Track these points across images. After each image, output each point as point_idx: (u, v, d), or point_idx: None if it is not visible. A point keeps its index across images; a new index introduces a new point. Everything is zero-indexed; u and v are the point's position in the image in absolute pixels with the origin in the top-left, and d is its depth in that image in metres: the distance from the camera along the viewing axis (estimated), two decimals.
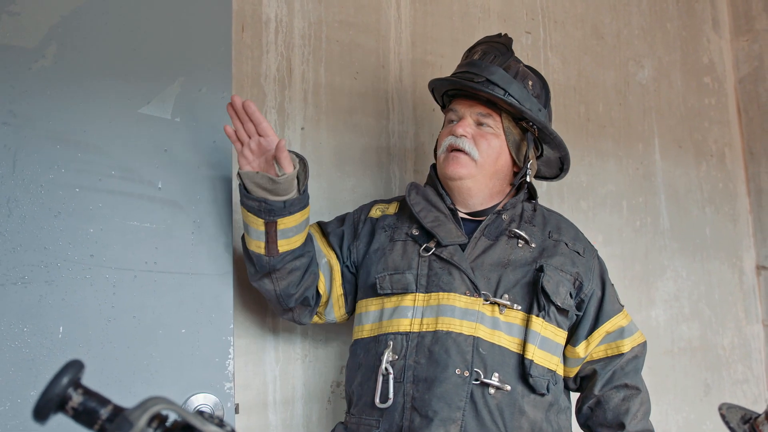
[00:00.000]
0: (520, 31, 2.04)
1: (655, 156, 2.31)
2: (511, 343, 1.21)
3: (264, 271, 1.22)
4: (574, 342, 1.34)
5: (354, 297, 1.36)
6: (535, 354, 1.21)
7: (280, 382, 1.51)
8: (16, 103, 1.11)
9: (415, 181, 1.70)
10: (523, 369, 1.20)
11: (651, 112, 2.33)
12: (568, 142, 2.06)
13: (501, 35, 1.38)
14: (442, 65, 1.85)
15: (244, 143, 1.16)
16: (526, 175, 1.36)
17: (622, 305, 1.40)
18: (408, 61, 1.81)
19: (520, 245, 1.29)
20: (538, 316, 1.22)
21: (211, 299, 1.23)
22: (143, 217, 1.19)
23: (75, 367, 0.51)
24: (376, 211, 1.39)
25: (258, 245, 1.20)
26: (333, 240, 1.34)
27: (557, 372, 1.28)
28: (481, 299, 1.21)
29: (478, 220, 1.34)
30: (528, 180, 1.36)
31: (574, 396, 1.42)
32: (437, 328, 1.19)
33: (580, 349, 1.33)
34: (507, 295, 1.23)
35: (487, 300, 1.22)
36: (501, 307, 1.22)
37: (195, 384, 1.19)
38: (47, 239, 1.11)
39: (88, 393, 0.51)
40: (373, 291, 1.28)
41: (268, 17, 1.60)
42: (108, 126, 1.18)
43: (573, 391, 1.41)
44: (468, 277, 1.22)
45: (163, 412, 0.51)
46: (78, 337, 1.11)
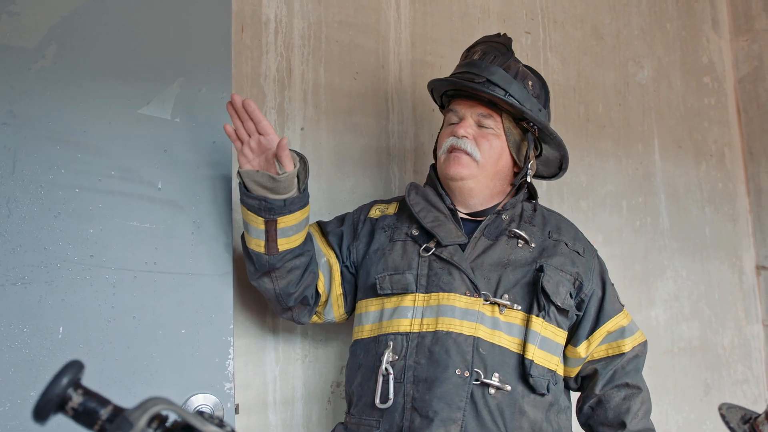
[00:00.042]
0: (519, 31, 2.04)
1: (655, 156, 2.31)
2: (511, 343, 1.21)
3: (264, 269, 1.23)
4: (575, 342, 1.34)
5: (353, 297, 1.36)
6: (535, 354, 1.21)
7: (280, 382, 1.51)
8: (16, 104, 1.11)
9: (414, 181, 1.70)
10: (524, 369, 1.20)
11: (650, 112, 2.33)
12: (567, 143, 2.06)
13: (500, 35, 1.38)
14: (442, 65, 1.85)
15: (244, 142, 1.16)
16: (526, 175, 1.36)
17: (622, 305, 1.40)
18: (408, 62, 1.81)
19: (520, 245, 1.29)
20: (538, 316, 1.22)
21: (211, 299, 1.23)
22: (143, 217, 1.19)
23: (75, 367, 0.51)
24: (375, 212, 1.39)
25: (258, 244, 1.20)
26: (332, 239, 1.34)
27: (557, 372, 1.28)
28: (481, 299, 1.21)
29: (477, 220, 1.34)
30: (528, 180, 1.37)
31: (574, 396, 1.42)
32: (437, 329, 1.19)
33: (581, 349, 1.33)
34: (507, 295, 1.23)
35: (487, 300, 1.22)
36: (501, 307, 1.22)
37: (195, 384, 1.19)
38: (47, 240, 1.11)
39: (88, 393, 0.51)
40: (373, 291, 1.28)
41: (268, 18, 1.60)
42: (108, 126, 1.18)
43: (574, 390, 1.41)
44: (468, 277, 1.22)
45: (163, 413, 0.51)
46: (78, 338, 1.11)
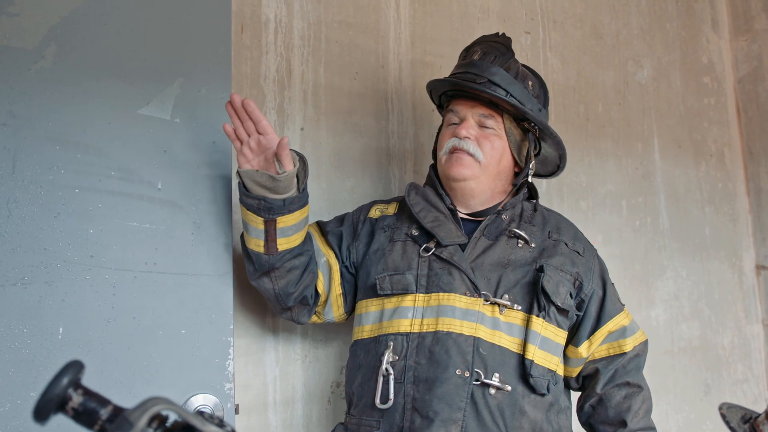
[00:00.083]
0: (519, 31, 2.04)
1: (655, 156, 2.31)
2: (511, 343, 1.21)
3: (263, 269, 1.22)
4: (576, 342, 1.34)
5: (353, 297, 1.36)
6: (535, 354, 1.21)
7: (280, 382, 1.51)
8: (16, 104, 1.11)
9: (414, 181, 1.70)
10: (524, 369, 1.20)
11: (650, 112, 2.33)
12: (567, 142, 2.06)
13: (499, 34, 1.38)
14: (442, 65, 1.85)
15: (244, 142, 1.16)
16: (527, 175, 1.36)
17: (623, 304, 1.40)
18: (407, 62, 1.81)
19: (520, 245, 1.29)
20: (538, 317, 1.22)
21: (211, 300, 1.23)
22: (143, 217, 1.19)
23: (75, 367, 0.51)
24: (375, 212, 1.39)
25: (257, 244, 1.20)
26: (332, 239, 1.34)
27: (557, 372, 1.28)
28: (482, 299, 1.21)
29: (477, 220, 1.34)
30: (530, 180, 1.37)
31: (574, 396, 1.42)
32: (437, 329, 1.19)
33: (583, 349, 1.33)
34: (507, 296, 1.23)
35: (487, 300, 1.22)
36: (501, 308, 1.22)
37: (195, 385, 1.19)
38: (47, 240, 1.11)
39: (88, 393, 0.51)
40: (373, 291, 1.28)
41: (268, 18, 1.60)
42: (107, 127, 1.18)
43: (575, 390, 1.41)
44: (468, 277, 1.22)
45: (163, 413, 0.51)
46: (78, 338, 1.11)
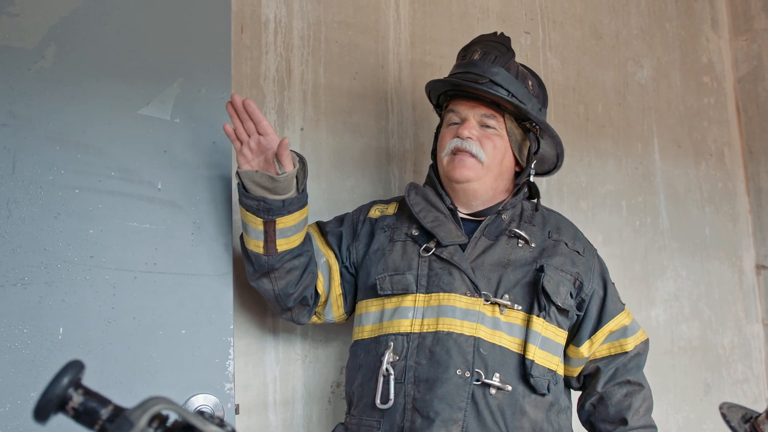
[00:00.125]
0: (519, 31, 2.04)
1: (655, 156, 2.31)
2: (511, 343, 1.21)
3: (262, 270, 1.22)
4: (577, 342, 1.34)
5: (353, 297, 1.36)
6: (536, 354, 1.21)
7: (280, 382, 1.50)
8: (16, 104, 1.11)
9: (414, 181, 1.70)
10: (524, 369, 1.20)
11: (650, 111, 2.33)
12: (567, 142, 2.07)
13: (497, 34, 1.38)
14: (441, 65, 1.85)
15: (244, 142, 1.16)
16: (529, 175, 1.36)
17: (623, 304, 1.40)
18: (407, 62, 1.81)
19: (520, 245, 1.29)
20: (538, 317, 1.22)
21: (211, 300, 1.23)
22: (143, 217, 1.19)
23: (75, 367, 0.51)
24: (375, 212, 1.38)
25: (257, 244, 1.20)
26: (331, 240, 1.34)
27: (557, 372, 1.28)
28: (482, 299, 1.21)
29: (477, 219, 1.34)
30: (531, 179, 1.37)
31: (574, 396, 1.42)
32: (438, 329, 1.19)
33: (584, 349, 1.33)
34: (507, 296, 1.23)
35: (487, 300, 1.22)
36: (501, 308, 1.22)
37: (195, 385, 1.19)
38: (47, 240, 1.11)
39: (89, 393, 0.51)
40: (373, 292, 1.28)
41: (267, 18, 1.60)
42: (107, 127, 1.18)
43: (576, 390, 1.41)
44: (468, 277, 1.22)
45: (164, 412, 0.51)
46: (78, 338, 1.11)
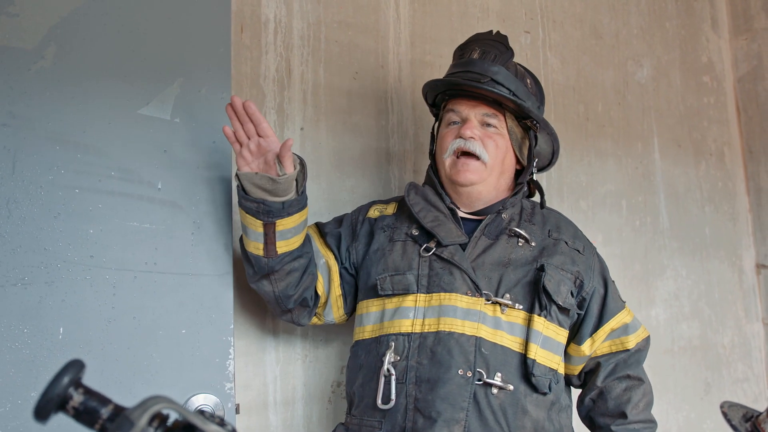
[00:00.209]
0: (519, 30, 2.04)
1: (655, 155, 2.31)
2: (513, 342, 1.21)
3: (262, 272, 1.22)
4: (578, 340, 1.34)
5: (353, 298, 1.36)
6: (537, 353, 1.21)
7: (281, 382, 1.50)
8: (16, 105, 1.11)
9: (414, 181, 1.70)
10: (526, 368, 1.20)
11: (650, 111, 2.33)
12: (567, 142, 2.07)
13: (492, 32, 1.37)
14: (441, 65, 1.85)
15: (243, 144, 1.15)
16: (532, 173, 1.36)
17: (623, 301, 1.40)
18: (407, 62, 1.81)
19: (521, 244, 1.29)
20: (539, 316, 1.22)
21: (211, 300, 1.22)
22: (143, 217, 1.18)
23: (76, 366, 0.51)
24: (374, 212, 1.38)
25: (256, 247, 1.20)
26: (330, 241, 1.34)
27: (558, 371, 1.28)
28: (483, 299, 1.21)
29: (477, 219, 1.34)
30: (534, 178, 1.37)
31: (575, 395, 1.42)
32: (439, 329, 1.19)
33: (586, 347, 1.33)
34: (508, 295, 1.23)
35: (488, 300, 1.21)
36: (503, 307, 1.22)
37: (195, 384, 1.19)
38: (47, 240, 1.11)
39: (89, 392, 0.51)
40: (373, 292, 1.27)
41: (267, 18, 1.60)
42: (107, 127, 1.18)
43: (577, 388, 1.41)
44: (469, 276, 1.22)
45: (164, 412, 0.51)
46: (78, 338, 1.11)
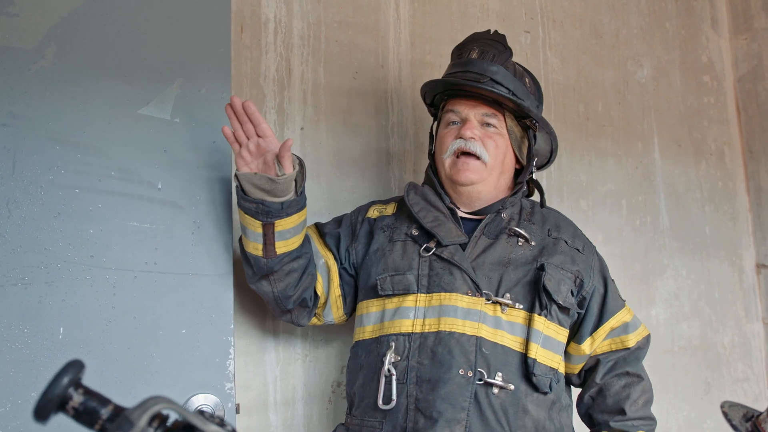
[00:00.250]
0: (519, 30, 2.04)
1: (655, 155, 2.31)
2: (513, 342, 1.21)
3: (262, 273, 1.22)
4: (578, 339, 1.34)
5: (353, 298, 1.36)
6: (537, 353, 1.21)
7: (281, 382, 1.50)
8: (16, 105, 1.11)
9: (414, 181, 1.70)
10: (527, 368, 1.20)
11: (650, 111, 2.33)
12: (567, 142, 2.07)
13: (490, 32, 1.37)
14: (441, 65, 1.85)
15: (242, 144, 1.15)
16: (532, 172, 1.36)
17: (623, 300, 1.40)
18: (407, 61, 1.81)
19: (520, 243, 1.29)
20: (540, 315, 1.22)
21: (211, 300, 1.22)
22: (143, 217, 1.18)
23: (75, 367, 0.51)
24: (373, 212, 1.38)
25: (255, 247, 1.20)
26: (329, 241, 1.34)
27: (559, 370, 1.28)
28: (483, 299, 1.21)
29: (476, 219, 1.34)
30: (534, 177, 1.37)
31: (575, 394, 1.42)
32: (440, 329, 1.19)
33: (586, 346, 1.34)
34: (509, 294, 1.23)
35: (489, 299, 1.21)
36: (503, 307, 1.22)
37: (195, 384, 1.19)
38: (47, 240, 1.11)
39: (89, 393, 0.51)
40: (374, 292, 1.27)
41: (267, 18, 1.60)
42: (107, 127, 1.18)
43: (577, 387, 1.41)
44: (469, 276, 1.22)
45: (164, 412, 0.51)
46: (78, 338, 1.11)
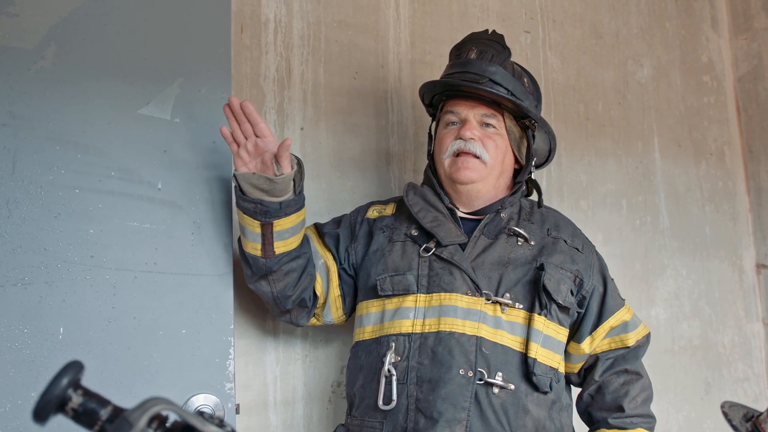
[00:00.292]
0: (519, 30, 2.04)
1: (655, 155, 2.31)
2: (513, 342, 1.21)
3: (260, 273, 1.22)
4: (578, 339, 1.34)
5: (352, 299, 1.36)
6: (538, 352, 1.21)
7: (281, 382, 1.50)
8: (16, 105, 1.11)
9: (413, 181, 1.70)
10: (527, 368, 1.20)
11: (650, 111, 2.33)
12: (567, 142, 2.07)
13: (489, 32, 1.37)
14: (441, 65, 1.85)
15: (241, 144, 1.15)
16: (531, 172, 1.36)
17: (623, 299, 1.40)
18: (407, 61, 1.81)
19: (520, 243, 1.29)
20: (540, 315, 1.22)
21: (211, 300, 1.22)
22: (143, 217, 1.18)
23: (75, 368, 0.51)
24: (373, 212, 1.38)
25: (254, 247, 1.20)
26: (328, 241, 1.34)
27: (559, 370, 1.28)
28: (483, 299, 1.21)
29: (476, 218, 1.34)
30: (533, 177, 1.37)
31: (575, 394, 1.42)
32: (440, 329, 1.19)
33: (585, 345, 1.34)
34: (508, 294, 1.23)
35: (488, 299, 1.21)
36: (503, 306, 1.22)
37: (196, 384, 1.19)
38: (47, 240, 1.11)
39: (88, 394, 0.51)
40: (373, 293, 1.27)
41: (267, 18, 1.60)
42: (107, 127, 1.18)
43: (577, 386, 1.41)
44: (469, 276, 1.22)
45: (163, 413, 0.51)
46: (78, 338, 1.11)
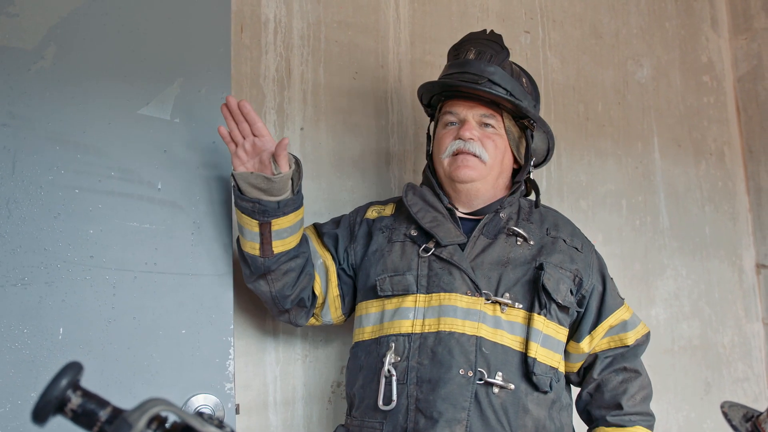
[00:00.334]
0: (518, 30, 2.04)
1: (655, 155, 2.31)
2: (513, 341, 1.21)
3: (259, 272, 1.22)
4: (577, 338, 1.34)
5: (351, 299, 1.36)
6: (537, 352, 1.21)
7: (281, 382, 1.51)
8: (15, 105, 1.11)
9: (413, 181, 1.70)
10: (527, 367, 1.20)
11: (650, 111, 2.33)
12: (567, 142, 2.07)
13: (487, 32, 1.37)
14: (441, 65, 1.84)
15: (239, 144, 1.15)
16: (529, 172, 1.36)
17: (622, 298, 1.40)
18: (407, 61, 1.81)
19: (519, 243, 1.30)
20: (539, 314, 1.22)
21: (211, 300, 1.22)
22: (143, 218, 1.19)
23: (74, 369, 0.51)
24: (372, 213, 1.38)
25: (253, 246, 1.20)
26: (327, 241, 1.34)
27: (559, 369, 1.28)
28: (483, 299, 1.21)
29: (475, 219, 1.34)
30: (531, 177, 1.37)
31: (575, 393, 1.42)
32: (440, 329, 1.19)
33: (585, 344, 1.34)
34: (508, 294, 1.23)
35: (488, 299, 1.21)
36: (502, 306, 1.22)
37: (195, 385, 1.19)
38: (47, 240, 1.11)
39: (87, 395, 0.51)
40: (373, 293, 1.27)
41: (267, 18, 1.60)
42: (107, 127, 1.18)
43: (576, 385, 1.41)
44: (469, 276, 1.22)
45: (163, 414, 0.51)
46: (78, 339, 1.11)
